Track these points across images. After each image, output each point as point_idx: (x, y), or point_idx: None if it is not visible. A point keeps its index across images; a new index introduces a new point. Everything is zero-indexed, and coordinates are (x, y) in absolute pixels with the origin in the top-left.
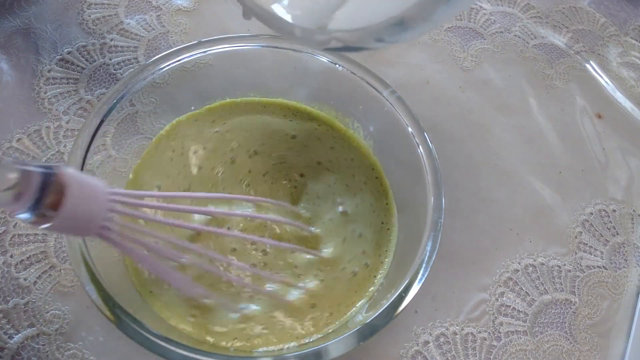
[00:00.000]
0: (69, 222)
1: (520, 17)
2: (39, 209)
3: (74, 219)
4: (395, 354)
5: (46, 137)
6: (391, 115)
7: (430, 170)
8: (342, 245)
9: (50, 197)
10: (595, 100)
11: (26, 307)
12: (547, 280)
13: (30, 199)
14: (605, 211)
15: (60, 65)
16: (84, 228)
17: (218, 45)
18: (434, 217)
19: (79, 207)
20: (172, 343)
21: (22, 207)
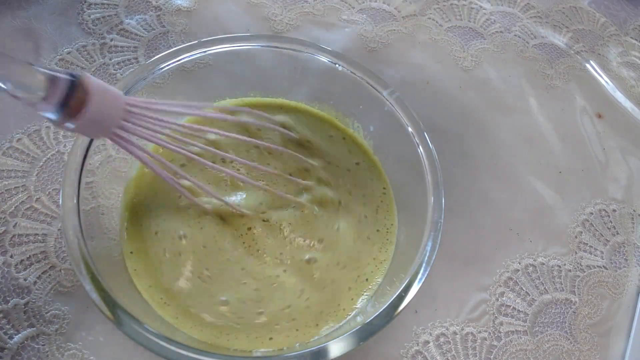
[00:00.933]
0: (89, 123)
1: (520, 17)
2: (65, 110)
3: (94, 121)
4: (395, 354)
5: (46, 137)
6: (391, 115)
7: (430, 170)
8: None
9: (75, 99)
10: (595, 100)
11: (26, 307)
12: (547, 280)
13: (57, 100)
14: (605, 211)
15: (60, 65)
16: (101, 130)
17: (218, 45)
18: (434, 217)
19: (99, 110)
20: (171, 343)
21: (50, 107)
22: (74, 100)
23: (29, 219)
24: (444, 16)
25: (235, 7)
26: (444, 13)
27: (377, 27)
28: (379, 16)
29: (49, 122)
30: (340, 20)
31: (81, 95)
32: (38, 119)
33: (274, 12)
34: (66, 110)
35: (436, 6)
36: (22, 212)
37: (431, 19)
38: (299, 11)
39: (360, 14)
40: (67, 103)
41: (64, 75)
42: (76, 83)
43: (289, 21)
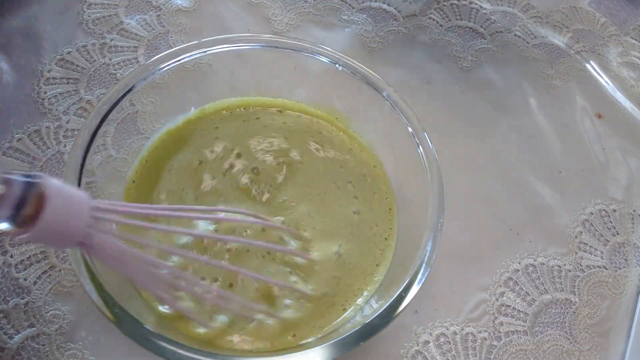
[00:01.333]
0: (47, 233)
1: (520, 17)
2: (18, 218)
3: (53, 231)
4: (395, 354)
5: (46, 137)
6: (391, 115)
7: (430, 170)
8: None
9: (29, 207)
10: (595, 100)
11: (26, 307)
12: (547, 280)
13: (9, 208)
14: (605, 211)
15: (60, 65)
16: (62, 241)
17: (218, 45)
18: (434, 217)
19: (58, 219)
20: (172, 343)
21: (1, 216)
22: (27, 207)
23: None
24: (444, 16)
25: (235, 7)
26: (444, 13)
27: (377, 27)
28: (379, 16)
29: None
30: (340, 20)
31: (37, 202)
32: (38, 119)
33: (274, 12)
34: (19, 219)
35: (436, 6)
36: None
37: (431, 19)
38: (299, 11)
39: (360, 14)
40: (19, 212)
41: (19, 178)
42: (33, 187)
43: (289, 21)
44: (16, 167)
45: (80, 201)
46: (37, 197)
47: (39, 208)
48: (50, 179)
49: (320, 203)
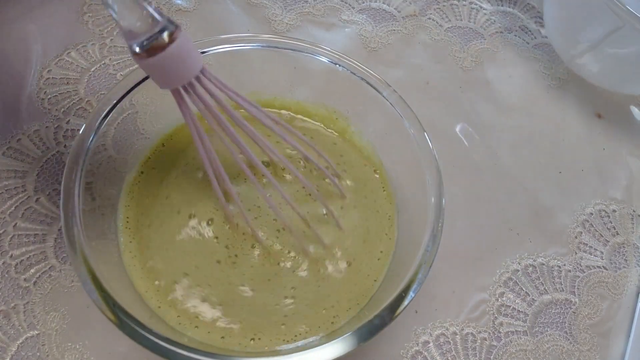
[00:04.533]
0: (161, 67)
1: (520, 17)
2: (145, 47)
3: (170, 64)
4: (395, 354)
5: (46, 137)
6: (391, 115)
7: (430, 170)
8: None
9: (164, 38)
10: (595, 100)
11: (26, 308)
12: (547, 280)
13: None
14: (605, 211)
15: (60, 65)
16: (171, 78)
17: (218, 45)
18: (434, 217)
19: (175, 60)
20: (172, 343)
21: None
22: (157, 41)
23: (29, 219)
24: (444, 16)
25: (235, 8)
26: (444, 13)
27: (377, 27)
28: (379, 16)
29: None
30: (340, 20)
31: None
32: (38, 119)
33: (274, 13)
34: (146, 46)
35: (436, 6)
36: (21, 212)
37: (431, 19)
38: (299, 11)
39: (360, 14)
40: (151, 41)
41: (163, 19)
42: (172, 25)
43: (289, 21)
44: (16, 168)
45: (198, 57)
46: (172, 32)
47: (169, 43)
48: (184, 32)
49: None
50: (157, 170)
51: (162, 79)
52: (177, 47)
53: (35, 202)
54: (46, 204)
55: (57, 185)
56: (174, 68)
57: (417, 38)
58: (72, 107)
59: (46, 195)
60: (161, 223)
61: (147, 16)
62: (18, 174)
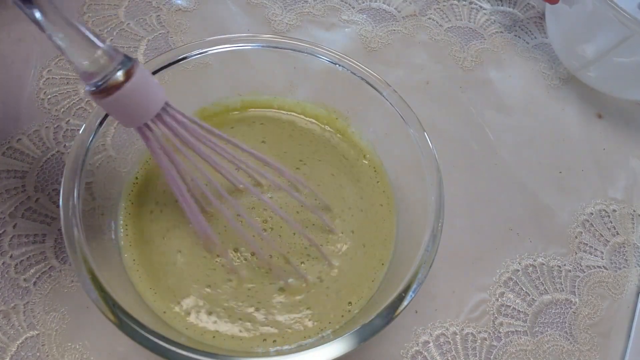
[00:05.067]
0: (120, 105)
1: (520, 17)
2: (102, 86)
3: (129, 103)
4: (395, 354)
5: (46, 137)
6: (391, 115)
7: (430, 170)
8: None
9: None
10: (595, 100)
11: (26, 308)
12: (547, 280)
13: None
14: (605, 211)
15: (60, 65)
16: (132, 116)
17: (218, 45)
18: (434, 217)
19: (134, 97)
20: (172, 343)
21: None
22: (112, 80)
23: (29, 219)
24: (444, 16)
25: (235, 7)
26: (444, 13)
27: (377, 27)
28: (379, 16)
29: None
30: (340, 20)
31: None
32: (38, 119)
33: (274, 13)
34: (102, 87)
35: (436, 6)
36: (21, 212)
37: (431, 19)
38: (299, 11)
39: (360, 14)
40: (106, 81)
41: (118, 56)
42: (129, 62)
43: (289, 21)
44: (16, 168)
45: (159, 92)
46: (127, 71)
47: (125, 80)
48: (141, 66)
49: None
50: (157, 170)
51: (124, 117)
52: (133, 84)
53: (35, 202)
54: (46, 204)
55: (57, 185)
56: (133, 106)
57: (417, 38)
58: (72, 107)
59: (46, 195)
60: (161, 223)
61: (102, 55)
62: (18, 174)
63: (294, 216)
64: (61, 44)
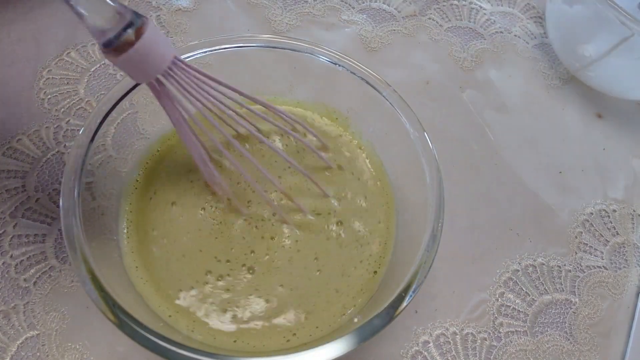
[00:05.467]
0: (135, 61)
1: (520, 17)
2: (115, 43)
3: (140, 59)
4: (395, 354)
5: (46, 137)
6: (391, 115)
7: (430, 170)
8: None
9: (131, 34)
10: (595, 100)
11: (26, 308)
12: (547, 281)
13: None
14: (605, 211)
15: (60, 65)
16: (144, 71)
17: (218, 45)
18: (434, 217)
19: (148, 52)
20: (172, 343)
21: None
22: (124, 38)
23: (29, 219)
24: (444, 16)
25: (235, 7)
26: (444, 13)
27: (377, 27)
28: (379, 16)
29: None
30: (340, 20)
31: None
32: (38, 119)
33: (274, 13)
34: (115, 44)
35: (436, 6)
36: (21, 212)
37: (431, 19)
38: (299, 11)
39: (360, 14)
40: (118, 38)
41: (129, 14)
42: (139, 19)
43: (289, 21)
44: (16, 168)
45: (169, 47)
46: (139, 27)
47: (138, 36)
48: (151, 23)
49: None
50: (157, 170)
51: (135, 73)
52: (145, 41)
53: (35, 202)
54: (46, 204)
55: (57, 185)
56: (144, 62)
57: (417, 38)
58: (72, 107)
59: (46, 195)
60: (161, 222)
61: (113, 12)
62: (18, 174)
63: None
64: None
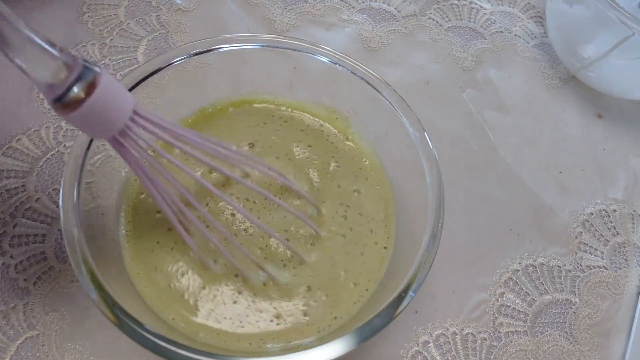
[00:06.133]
0: (88, 119)
1: (520, 17)
2: (65, 99)
3: (95, 117)
4: (395, 354)
5: (46, 137)
6: (391, 115)
7: (430, 170)
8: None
9: (80, 90)
10: (595, 100)
11: (25, 308)
12: (548, 281)
13: (62, 89)
14: (605, 211)
15: None
16: (100, 129)
17: (218, 45)
18: (434, 218)
19: (104, 107)
20: (172, 343)
21: (52, 93)
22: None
23: (29, 219)
24: (444, 16)
25: (235, 7)
26: (444, 13)
27: (377, 27)
28: (379, 16)
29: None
30: (340, 20)
31: (89, 87)
32: (38, 119)
33: (273, 12)
34: (64, 100)
35: (436, 6)
36: (21, 212)
37: (431, 19)
38: (299, 11)
39: (360, 14)
40: (67, 95)
41: (77, 67)
42: (89, 72)
43: (289, 21)
44: (16, 168)
45: (127, 100)
46: (90, 82)
47: (89, 92)
48: (105, 74)
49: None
50: None
51: (90, 130)
52: (96, 98)
53: (35, 202)
54: (46, 204)
55: (57, 185)
56: (98, 119)
57: (417, 38)
58: None
59: (46, 195)
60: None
61: (59, 64)
62: (18, 174)
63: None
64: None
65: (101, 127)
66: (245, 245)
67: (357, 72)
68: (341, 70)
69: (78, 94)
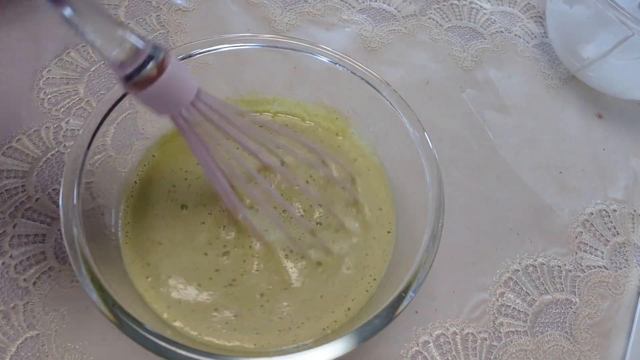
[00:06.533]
0: (158, 96)
1: (520, 17)
2: (135, 78)
3: (164, 94)
4: (395, 354)
5: (46, 137)
6: (391, 115)
7: (430, 170)
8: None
9: (151, 70)
10: (595, 100)
11: (25, 308)
12: (548, 280)
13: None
14: (605, 211)
15: (60, 65)
16: (167, 106)
17: (218, 45)
18: (434, 217)
19: (172, 86)
20: (172, 343)
21: (123, 72)
22: (146, 72)
23: (29, 219)
24: (444, 16)
25: (235, 7)
26: (444, 13)
27: (377, 27)
28: (379, 16)
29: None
30: (340, 20)
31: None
32: (38, 119)
33: (273, 12)
34: (136, 78)
35: (436, 6)
36: (21, 212)
37: (431, 19)
38: (299, 11)
39: (360, 14)
40: (139, 73)
41: (148, 49)
42: (160, 53)
43: (289, 21)
44: (16, 168)
45: (192, 81)
46: (161, 61)
47: (161, 71)
48: (172, 57)
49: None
50: (157, 170)
51: (158, 107)
52: (168, 76)
53: (35, 202)
54: (46, 204)
55: (57, 185)
56: (168, 96)
57: (417, 38)
58: (72, 107)
59: (46, 195)
60: (162, 222)
61: (132, 46)
62: (18, 174)
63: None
64: (93, 38)
65: (170, 103)
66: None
67: (357, 72)
68: (341, 70)
69: (151, 72)
